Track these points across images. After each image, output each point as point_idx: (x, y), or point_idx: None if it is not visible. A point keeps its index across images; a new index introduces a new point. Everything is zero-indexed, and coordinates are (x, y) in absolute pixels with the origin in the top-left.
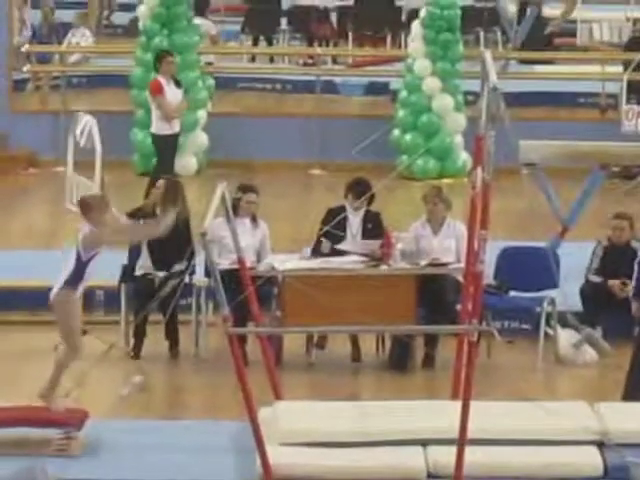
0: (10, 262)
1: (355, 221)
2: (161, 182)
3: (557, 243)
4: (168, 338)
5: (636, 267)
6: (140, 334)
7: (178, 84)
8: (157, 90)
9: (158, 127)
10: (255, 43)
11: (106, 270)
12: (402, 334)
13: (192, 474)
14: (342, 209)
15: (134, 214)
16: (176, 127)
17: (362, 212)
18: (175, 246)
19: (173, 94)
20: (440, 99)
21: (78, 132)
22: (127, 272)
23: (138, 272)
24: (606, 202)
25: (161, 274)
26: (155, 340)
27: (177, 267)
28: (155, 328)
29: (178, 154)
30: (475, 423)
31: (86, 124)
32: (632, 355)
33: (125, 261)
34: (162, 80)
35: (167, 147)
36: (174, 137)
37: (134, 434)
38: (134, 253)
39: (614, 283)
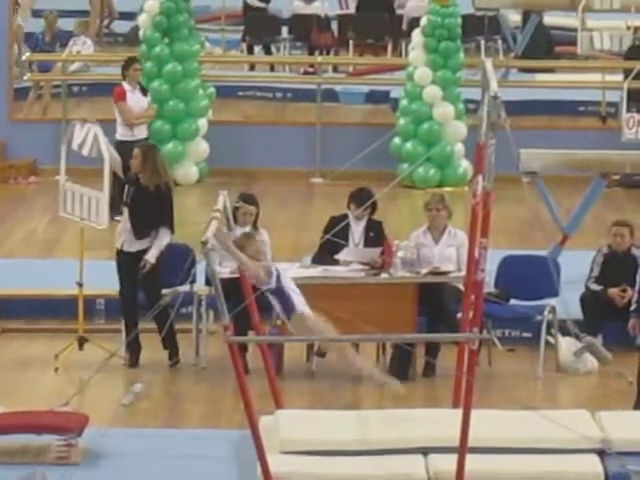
0: (9, 270)
1: (357, 230)
2: (137, 150)
3: (558, 251)
4: (166, 348)
5: (638, 279)
6: (133, 347)
7: (144, 91)
8: (119, 96)
9: (121, 133)
10: (250, 51)
11: (107, 279)
12: (403, 342)
13: None
14: (345, 218)
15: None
16: (140, 134)
17: (364, 221)
18: (155, 210)
19: (137, 101)
20: (441, 107)
21: (79, 141)
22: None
23: (118, 244)
24: (607, 210)
25: (138, 244)
26: (156, 348)
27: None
28: (156, 336)
29: (179, 163)
30: (476, 431)
31: (89, 131)
32: (639, 366)
33: None
34: (127, 87)
35: (129, 153)
36: (136, 144)
37: (135, 442)
38: None
39: (614, 291)
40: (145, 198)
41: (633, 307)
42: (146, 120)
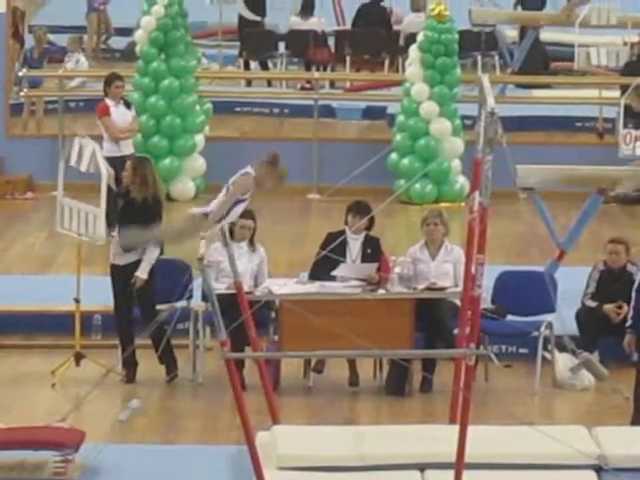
0: (6, 286)
1: (355, 246)
2: (128, 163)
3: (554, 267)
4: (163, 363)
5: (634, 295)
6: (130, 363)
7: (128, 106)
8: (103, 112)
9: (107, 149)
10: (247, 67)
11: (103, 294)
12: (400, 358)
13: None
14: (342, 234)
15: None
16: (126, 149)
17: (362, 237)
18: (143, 222)
19: (121, 115)
20: (438, 123)
21: (77, 157)
22: None
23: (110, 257)
24: (603, 226)
25: (126, 257)
26: (153, 364)
27: (143, 247)
28: (152, 351)
29: (176, 178)
30: (473, 447)
31: (86, 147)
32: (635, 381)
33: None
34: (109, 102)
35: (117, 169)
36: (123, 159)
37: (132, 458)
38: None
39: (609, 307)
40: (133, 210)
41: (628, 323)
42: (132, 134)
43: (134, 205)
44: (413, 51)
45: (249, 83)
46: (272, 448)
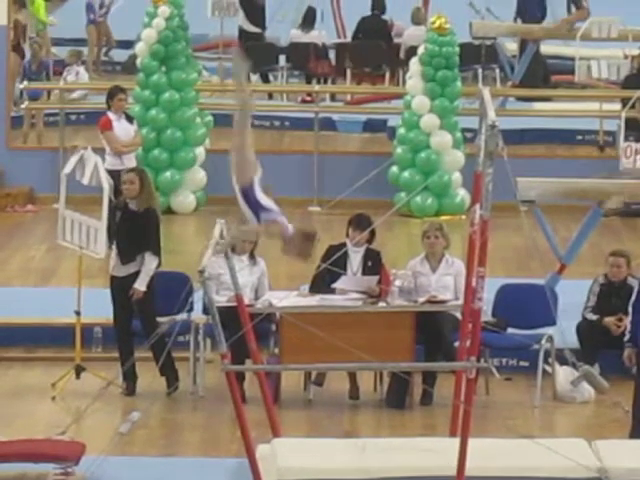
0: (7, 298)
1: (356, 259)
2: (132, 175)
3: (555, 280)
4: (164, 375)
5: (630, 309)
6: (130, 376)
7: (130, 119)
8: (105, 126)
9: (110, 162)
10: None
11: (104, 307)
12: (400, 371)
13: None
14: (343, 247)
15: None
16: (129, 162)
17: (363, 250)
18: (140, 234)
19: (123, 129)
20: (438, 136)
21: (80, 169)
22: None
23: (109, 269)
24: (604, 239)
25: (125, 269)
26: (153, 377)
27: (141, 259)
28: (153, 364)
29: (176, 191)
30: (473, 460)
31: (89, 160)
32: (634, 395)
33: None
34: (112, 116)
35: (119, 181)
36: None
37: (132, 471)
38: None
39: (610, 320)
40: (131, 222)
41: (626, 337)
42: (134, 148)
43: (133, 217)
44: (414, 64)
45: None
46: (272, 461)
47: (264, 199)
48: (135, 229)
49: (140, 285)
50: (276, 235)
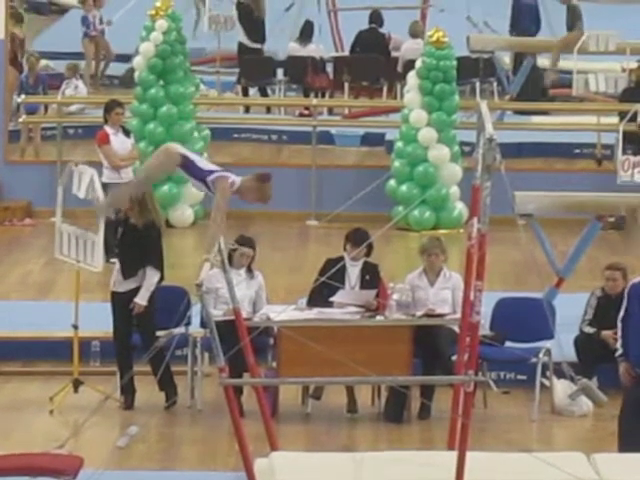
0: (4, 312)
1: (354, 272)
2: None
3: (553, 294)
4: (162, 390)
5: (619, 325)
6: (128, 390)
7: (127, 133)
8: (102, 140)
9: (107, 176)
10: (245, 93)
11: (102, 321)
12: (398, 385)
13: None
14: (341, 260)
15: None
16: (126, 176)
17: (360, 263)
18: (142, 249)
19: (121, 143)
20: (436, 150)
21: (76, 183)
22: None
23: (111, 286)
24: (602, 253)
25: (126, 284)
26: (151, 391)
27: (143, 274)
28: (151, 378)
29: (174, 205)
30: (471, 474)
31: (85, 174)
32: (621, 406)
33: None
34: (109, 130)
35: None
36: None
37: None
38: None
39: (607, 334)
40: (132, 237)
41: (619, 352)
42: (132, 162)
43: (134, 232)
44: (411, 77)
45: (247, 110)
46: (270, 475)
47: (204, 164)
48: (136, 244)
49: (141, 299)
50: (227, 190)
